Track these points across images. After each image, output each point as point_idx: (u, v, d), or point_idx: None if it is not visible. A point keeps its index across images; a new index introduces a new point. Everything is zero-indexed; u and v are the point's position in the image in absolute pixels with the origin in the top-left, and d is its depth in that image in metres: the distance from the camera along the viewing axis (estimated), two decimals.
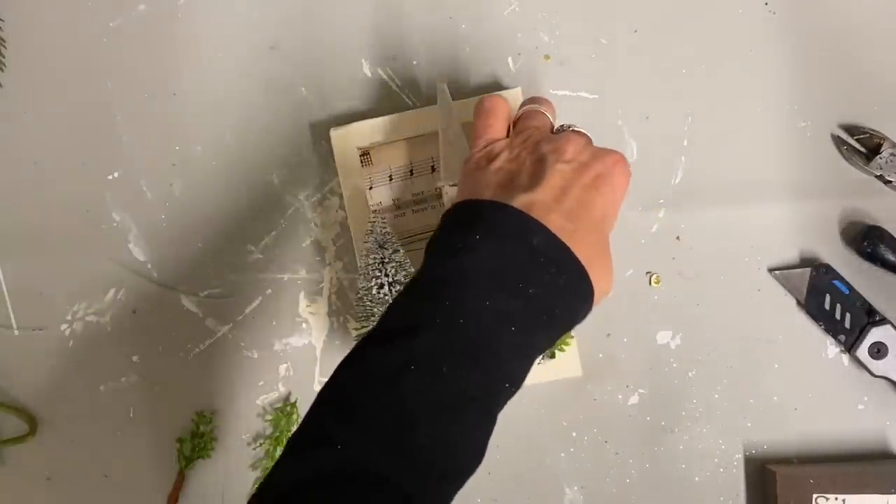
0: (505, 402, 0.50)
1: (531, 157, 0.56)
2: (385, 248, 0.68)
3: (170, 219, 0.73)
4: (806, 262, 0.72)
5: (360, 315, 0.68)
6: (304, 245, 0.73)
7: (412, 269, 0.68)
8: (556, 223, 0.52)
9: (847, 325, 0.71)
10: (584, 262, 0.52)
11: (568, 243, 0.51)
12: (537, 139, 0.58)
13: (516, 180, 0.55)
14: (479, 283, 0.49)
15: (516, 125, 0.61)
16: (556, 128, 0.61)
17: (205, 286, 0.73)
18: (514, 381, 0.50)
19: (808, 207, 0.72)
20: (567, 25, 0.73)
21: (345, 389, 0.49)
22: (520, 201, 0.52)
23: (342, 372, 0.50)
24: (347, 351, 0.50)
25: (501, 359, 0.49)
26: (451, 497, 0.48)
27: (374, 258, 0.68)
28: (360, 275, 0.69)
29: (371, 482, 0.45)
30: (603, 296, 0.54)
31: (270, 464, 0.72)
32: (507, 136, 0.61)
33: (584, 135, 0.58)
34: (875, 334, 0.70)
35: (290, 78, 0.73)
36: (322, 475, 0.45)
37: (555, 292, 0.51)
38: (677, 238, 0.73)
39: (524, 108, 0.62)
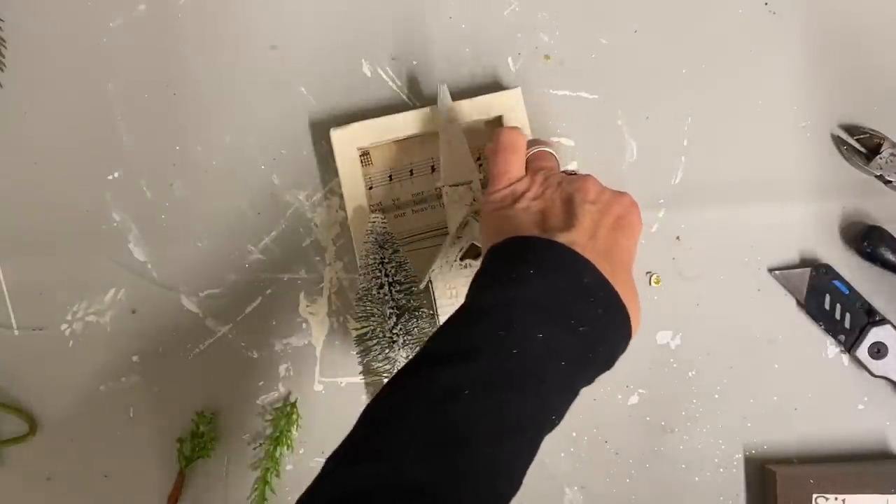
0: (547, 434, 0.50)
1: (559, 196, 0.57)
2: (385, 248, 0.68)
3: (170, 219, 0.73)
4: (806, 262, 0.72)
5: (360, 315, 0.68)
6: (304, 245, 0.73)
7: (412, 269, 0.68)
8: (596, 263, 0.52)
9: (847, 325, 0.71)
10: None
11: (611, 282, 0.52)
12: (558, 179, 0.59)
13: (550, 220, 0.55)
14: (532, 314, 0.50)
15: (530, 165, 0.62)
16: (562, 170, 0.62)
17: (205, 286, 0.73)
18: (559, 413, 0.50)
19: (808, 207, 0.72)
20: (567, 25, 0.73)
21: (395, 407, 0.49)
22: (562, 240, 0.53)
23: (392, 390, 0.50)
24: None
25: (549, 390, 0.49)
26: None
27: (374, 258, 0.68)
28: (360, 275, 0.69)
29: (413, 497, 0.45)
30: (635, 335, 0.54)
31: (271, 464, 0.72)
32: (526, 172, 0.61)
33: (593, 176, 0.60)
34: (875, 334, 0.70)
35: (290, 78, 0.73)
36: (366, 489, 0.45)
37: (600, 331, 0.51)
38: (677, 238, 0.73)
39: (535, 149, 0.63)
